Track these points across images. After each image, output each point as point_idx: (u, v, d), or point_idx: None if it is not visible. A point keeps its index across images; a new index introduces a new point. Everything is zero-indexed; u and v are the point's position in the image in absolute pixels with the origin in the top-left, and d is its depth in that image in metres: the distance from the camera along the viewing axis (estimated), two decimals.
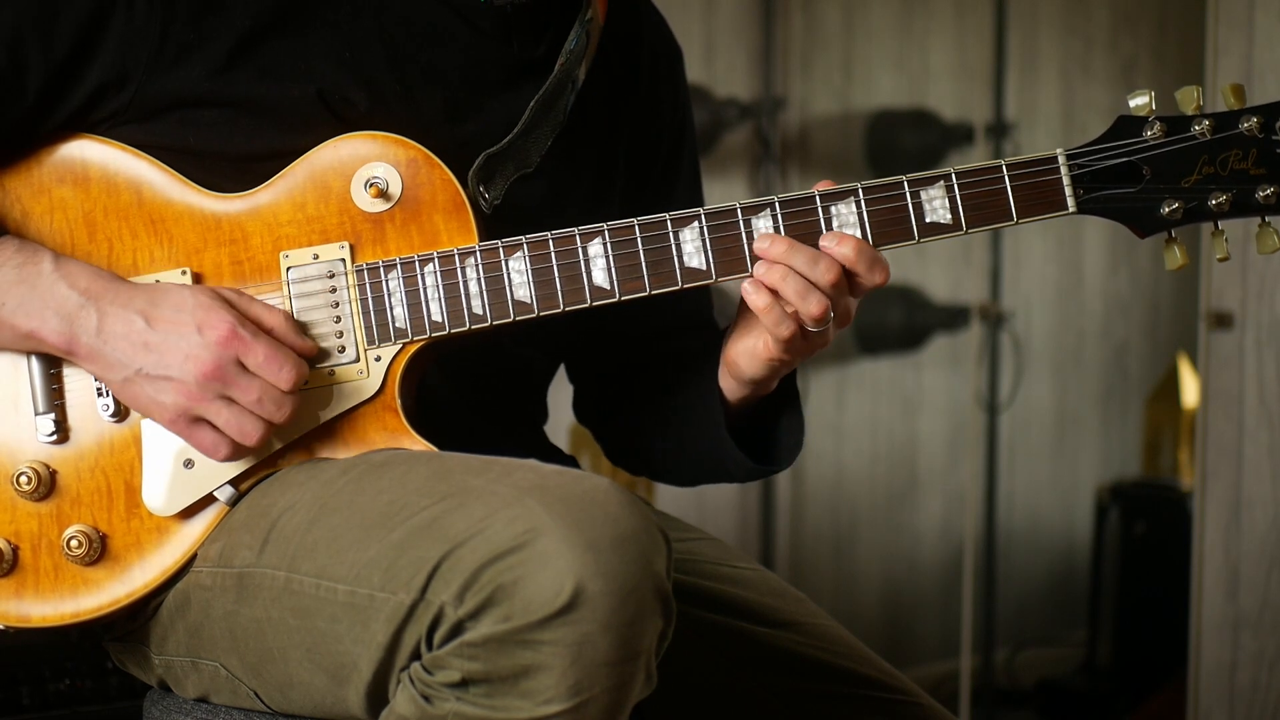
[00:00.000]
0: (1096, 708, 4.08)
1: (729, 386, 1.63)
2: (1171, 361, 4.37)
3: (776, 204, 1.53)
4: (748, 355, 1.58)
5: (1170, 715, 3.55)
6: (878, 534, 4.20)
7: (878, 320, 3.98)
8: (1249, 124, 1.51)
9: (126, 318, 1.48)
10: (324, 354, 1.54)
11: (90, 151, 1.56)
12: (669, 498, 3.39)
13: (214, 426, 1.49)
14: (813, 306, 1.50)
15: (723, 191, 3.73)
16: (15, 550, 1.54)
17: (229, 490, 1.54)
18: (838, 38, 4.01)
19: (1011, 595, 4.40)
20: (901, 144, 3.97)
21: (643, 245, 1.53)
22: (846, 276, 1.52)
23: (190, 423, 1.49)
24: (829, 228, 1.53)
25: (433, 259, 1.54)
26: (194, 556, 1.55)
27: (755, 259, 1.52)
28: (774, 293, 1.51)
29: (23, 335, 1.50)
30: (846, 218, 1.53)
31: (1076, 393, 4.58)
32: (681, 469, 1.76)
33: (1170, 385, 4.30)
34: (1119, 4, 4.52)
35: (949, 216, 1.53)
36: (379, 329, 1.54)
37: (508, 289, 1.54)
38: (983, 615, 4.17)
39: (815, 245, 1.52)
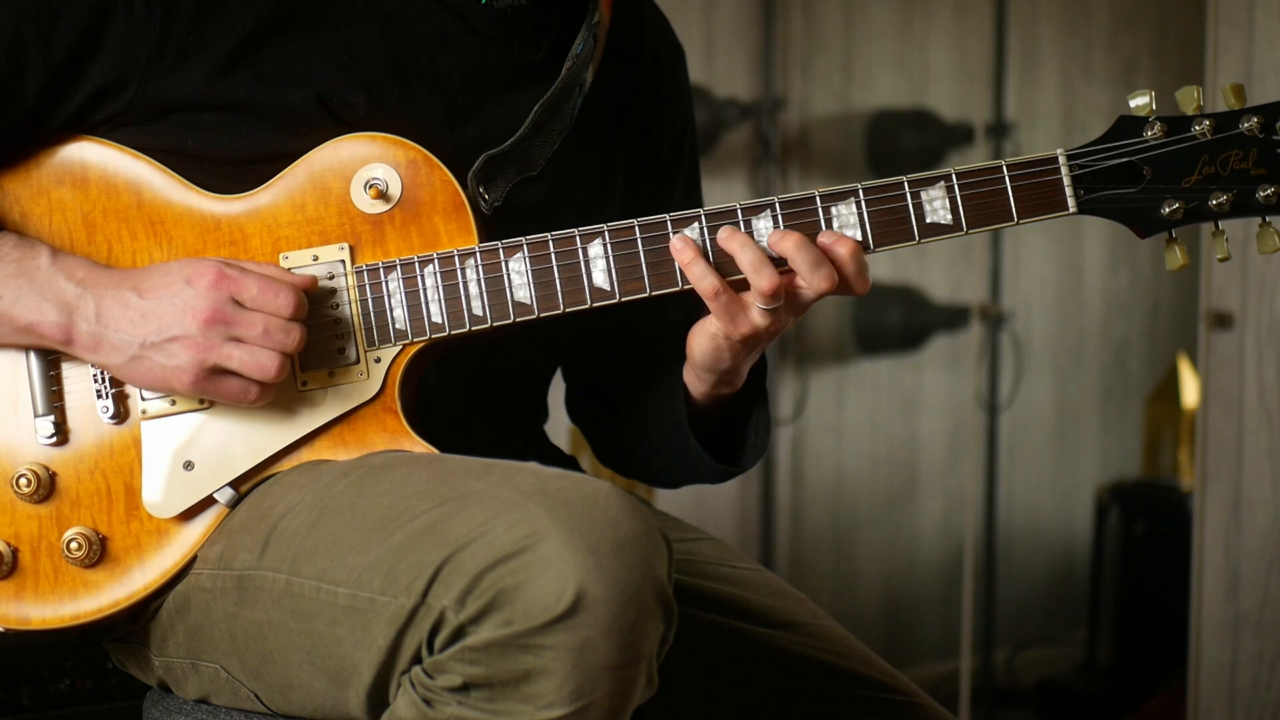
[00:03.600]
0: (1096, 708, 4.08)
1: (691, 380, 1.63)
2: (1171, 361, 4.37)
3: (777, 204, 1.53)
4: (698, 331, 1.57)
5: (1170, 715, 3.55)
6: (878, 534, 4.20)
7: (878, 320, 3.98)
8: (1249, 124, 1.50)
9: (120, 297, 1.48)
10: (324, 355, 1.54)
11: (89, 153, 1.56)
12: (669, 498, 3.39)
13: (235, 374, 1.48)
14: (763, 281, 1.49)
15: (723, 191, 3.73)
16: (15, 552, 1.54)
17: (229, 492, 1.54)
18: (838, 38, 4.01)
19: (1011, 595, 4.40)
20: (901, 144, 3.97)
21: (643, 246, 1.53)
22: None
23: (210, 376, 1.48)
24: (829, 228, 1.52)
25: (432, 260, 1.54)
26: (194, 559, 1.55)
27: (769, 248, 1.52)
28: (703, 255, 1.50)
29: (21, 328, 1.50)
30: (847, 218, 1.53)
31: (1076, 393, 4.58)
32: (659, 469, 1.76)
33: (1170, 385, 4.30)
34: (1119, 4, 4.52)
35: (949, 217, 1.53)
36: (379, 330, 1.54)
37: (508, 290, 1.53)
38: (983, 615, 4.17)
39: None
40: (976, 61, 4.12)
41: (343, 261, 1.54)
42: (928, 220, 1.53)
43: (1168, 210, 1.52)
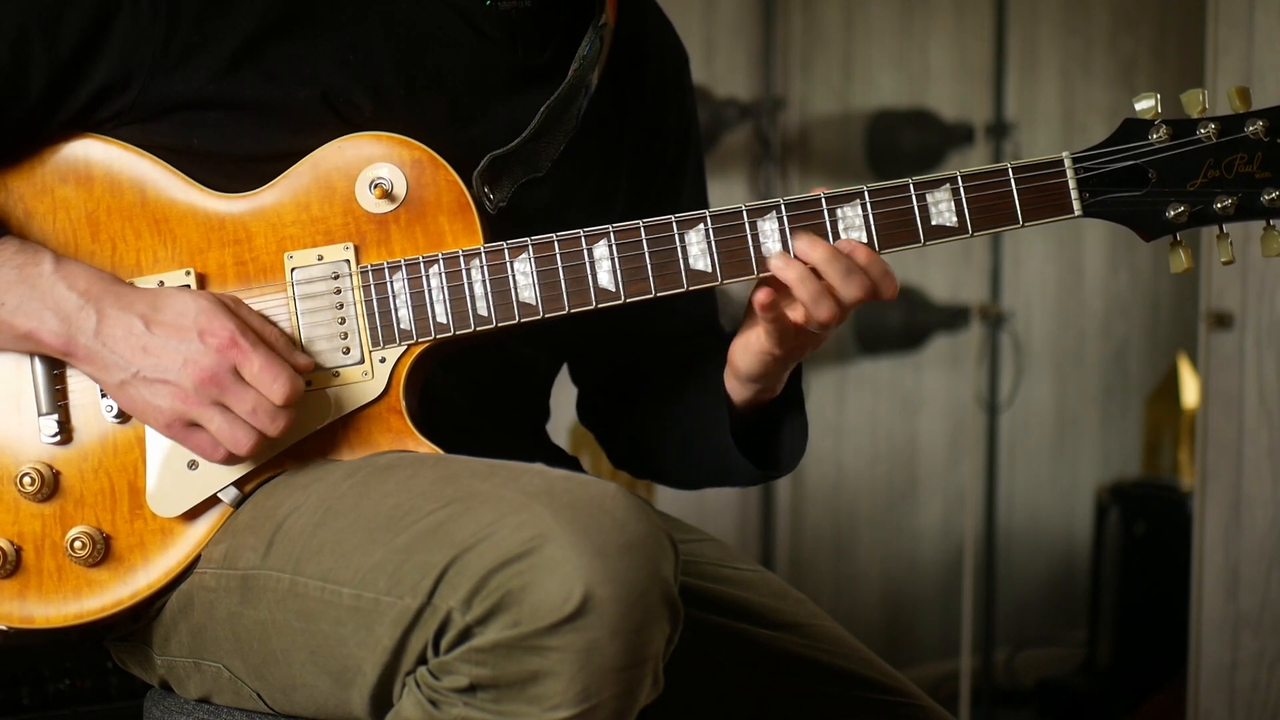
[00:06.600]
0: (1096, 708, 4.08)
1: (732, 387, 1.63)
2: (1171, 361, 4.37)
3: (782, 206, 1.53)
4: (742, 348, 1.58)
5: (1170, 715, 3.55)
6: (878, 534, 4.20)
7: (878, 320, 3.98)
8: (1255, 127, 1.50)
9: (126, 321, 1.48)
10: (328, 355, 1.54)
11: (94, 151, 1.56)
12: (669, 499, 3.39)
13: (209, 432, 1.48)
14: (823, 312, 1.50)
15: (723, 192, 3.73)
16: (18, 551, 1.54)
17: (233, 492, 1.54)
18: (838, 38, 4.01)
19: (1011, 595, 4.40)
20: (901, 144, 3.97)
21: (648, 247, 1.53)
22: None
23: (184, 426, 1.48)
24: (835, 230, 1.52)
25: (438, 260, 1.54)
26: (198, 558, 1.54)
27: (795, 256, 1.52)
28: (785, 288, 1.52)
29: (21, 335, 1.50)
30: (852, 220, 1.52)
31: (1076, 393, 4.58)
32: (685, 472, 1.76)
33: (1170, 385, 4.30)
34: (1119, 4, 4.52)
35: (955, 220, 1.53)
36: (383, 330, 1.54)
37: (513, 290, 1.53)
38: (983, 615, 4.17)
39: None
40: (976, 61, 4.12)
41: (347, 261, 1.54)
42: (933, 223, 1.53)
43: (1172, 214, 1.52)
